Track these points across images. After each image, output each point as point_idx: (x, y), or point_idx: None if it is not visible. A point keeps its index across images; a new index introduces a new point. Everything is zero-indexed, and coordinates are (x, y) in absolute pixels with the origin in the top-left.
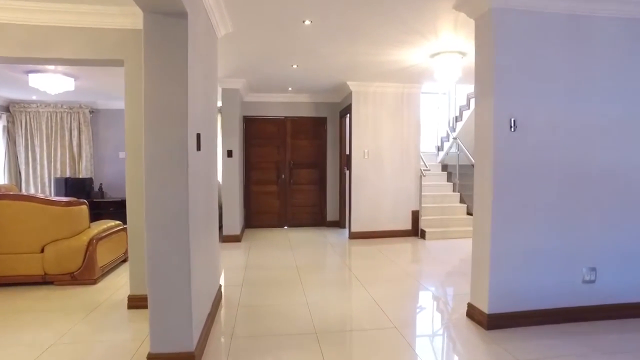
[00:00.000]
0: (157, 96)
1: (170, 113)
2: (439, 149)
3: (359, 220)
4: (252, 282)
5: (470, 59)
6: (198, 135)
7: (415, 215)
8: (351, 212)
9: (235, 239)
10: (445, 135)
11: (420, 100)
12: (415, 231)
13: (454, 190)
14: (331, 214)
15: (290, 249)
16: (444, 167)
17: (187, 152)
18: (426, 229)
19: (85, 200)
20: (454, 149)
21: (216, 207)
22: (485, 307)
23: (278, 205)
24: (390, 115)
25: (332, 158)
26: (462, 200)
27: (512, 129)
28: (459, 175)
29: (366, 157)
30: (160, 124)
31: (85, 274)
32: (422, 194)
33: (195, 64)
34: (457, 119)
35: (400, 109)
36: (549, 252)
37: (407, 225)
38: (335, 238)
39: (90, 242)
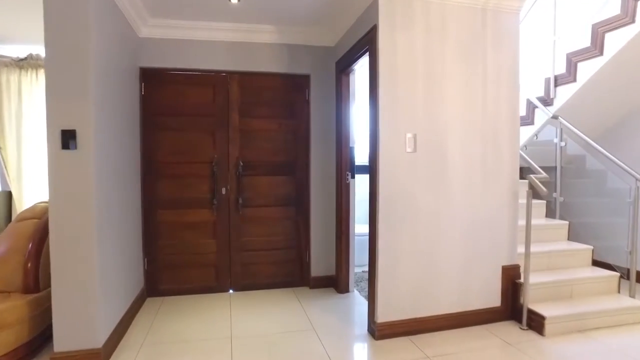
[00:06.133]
0: None
1: None
2: None
3: (395, 293)
4: None
5: None
6: None
7: (510, 276)
8: (377, 276)
9: (88, 358)
10: (524, 113)
11: (519, 30)
12: (512, 312)
13: (548, 215)
14: (319, 263)
15: None
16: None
17: None
18: (544, 313)
19: None
20: (546, 137)
21: None
22: None
23: (215, 248)
24: (461, 58)
25: (322, 155)
26: (571, 235)
27: None
28: (561, 185)
29: (410, 149)
30: None
31: None
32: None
33: None
34: (556, 81)
35: (481, 45)
36: None
37: (493, 300)
38: (337, 335)
39: None
